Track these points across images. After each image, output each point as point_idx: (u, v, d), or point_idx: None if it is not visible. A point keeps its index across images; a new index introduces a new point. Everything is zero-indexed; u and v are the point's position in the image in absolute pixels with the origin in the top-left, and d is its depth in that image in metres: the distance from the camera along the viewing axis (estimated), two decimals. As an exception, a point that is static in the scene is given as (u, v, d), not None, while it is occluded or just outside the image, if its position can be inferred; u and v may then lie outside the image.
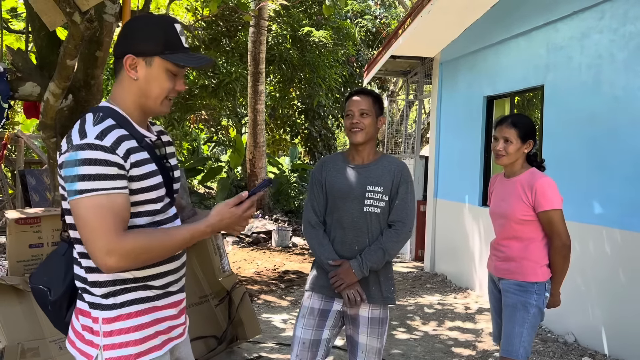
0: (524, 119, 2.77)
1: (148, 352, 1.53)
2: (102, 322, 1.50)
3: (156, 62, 1.53)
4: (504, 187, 2.80)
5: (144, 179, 1.50)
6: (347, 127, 2.45)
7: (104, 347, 1.49)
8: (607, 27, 4.45)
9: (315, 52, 13.19)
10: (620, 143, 4.26)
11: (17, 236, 2.54)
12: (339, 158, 2.55)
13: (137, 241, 1.42)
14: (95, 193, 1.39)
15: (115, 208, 1.41)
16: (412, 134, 9.75)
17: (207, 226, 1.50)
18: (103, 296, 1.50)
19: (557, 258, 2.64)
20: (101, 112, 1.50)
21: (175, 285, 1.64)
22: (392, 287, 2.49)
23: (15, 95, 3.55)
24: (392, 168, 2.46)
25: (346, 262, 2.38)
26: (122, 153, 1.44)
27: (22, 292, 2.39)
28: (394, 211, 2.43)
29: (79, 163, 1.39)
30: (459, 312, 5.53)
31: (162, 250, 1.48)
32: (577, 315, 4.56)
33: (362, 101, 2.44)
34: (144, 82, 1.54)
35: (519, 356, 2.60)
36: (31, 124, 12.11)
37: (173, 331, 1.65)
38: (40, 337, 2.36)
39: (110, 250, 1.39)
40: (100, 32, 3.54)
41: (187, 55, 1.56)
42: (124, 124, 1.51)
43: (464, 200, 6.66)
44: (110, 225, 1.39)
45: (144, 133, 1.57)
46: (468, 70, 6.76)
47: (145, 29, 1.54)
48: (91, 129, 1.44)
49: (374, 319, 2.43)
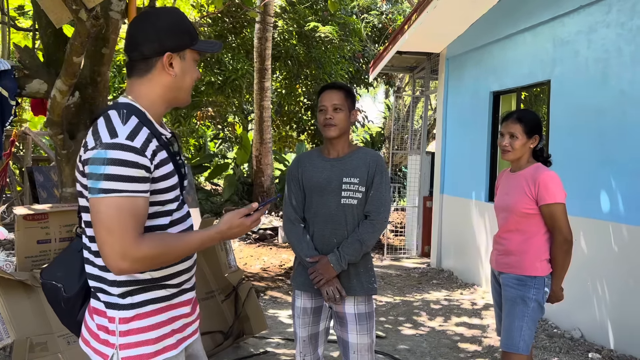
0: (530, 114, 2.77)
1: (163, 351, 1.54)
2: (118, 321, 1.49)
3: (187, 54, 1.56)
4: (509, 181, 2.80)
5: (165, 179, 1.50)
6: (321, 123, 2.48)
7: (120, 347, 1.48)
8: (614, 21, 4.41)
9: (321, 48, 13.17)
10: (627, 138, 4.23)
11: (25, 232, 2.56)
12: (314, 154, 2.57)
13: (152, 247, 1.42)
14: (119, 194, 1.37)
15: (135, 212, 1.40)
16: (418, 129, 9.73)
17: (216, 233, 1.53)
18: (120, 295, 1.49)
19: (558, 253, 2.64)
20: (125, 110, 1.48)
21: (189, 283, 1.65)
22: (372, 278, 2.52)
23: (22, 93, 3.58)
24: (367, 159, 2.48)
25: (324, 257, 2.41)
26: (149, 154, 1.43)
27: (30, 287, 2.42)
28: (370, 201, 2.45)
29: (107, 162, 1.37)
30: (465, 308, 5.52)
31: (175, 256, 1.50)
32: (584, 310, 4.55)
33: (334, 96, 2.46)
34: (181, 76, 1.55)
35: (519, 350, 2.60)
36: (39, 121, 12.19)
37: (187, 329, 1.66)
38: (49, 331, 2.38)
39: (125, 255, 1.38)
40: (107, 29, 3.55)
41: (206, 43, 1.60)
42: (145, 122, 1.50)
43: (471, 196, 6.64)
44: (128, 229, 1.38)
45: (161, 130, 1.56)
46: (474, 65, 6.73)
47: (174, 24, 1.54)
48: (121, 128, 1.42)
49: (360, 315, 2.45)
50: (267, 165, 11.86)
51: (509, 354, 2.63)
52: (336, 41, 13.03)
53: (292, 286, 2.61)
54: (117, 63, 12.05)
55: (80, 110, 3.57)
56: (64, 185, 3.57)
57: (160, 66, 1.52)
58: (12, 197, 9.09)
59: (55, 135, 3.35)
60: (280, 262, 7.68)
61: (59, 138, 3.37)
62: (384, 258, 8.18)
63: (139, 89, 1.54)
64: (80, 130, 3.58)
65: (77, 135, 3.56)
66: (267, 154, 11.84)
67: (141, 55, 1.53)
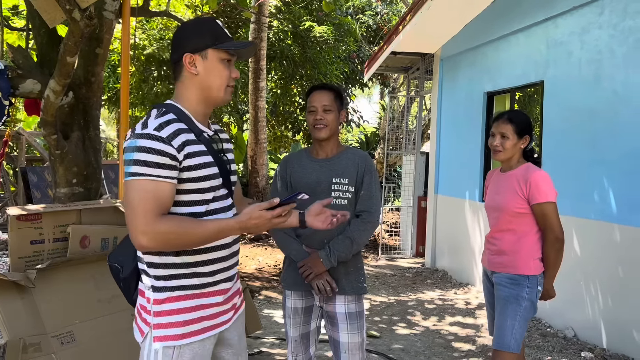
0: (521, 114, 2.80)
1: (189, 335, 1.64)
2: (153, 302, 1.64)
3: (210, 54, 1.67)
4: (500, 181, 2.82)
5: (197, 169, 1.63)
6: (311, 123, 2.47)
7: (154, 326, 1.63)
8: (607, 23, 4.44)
9: (316, 49, 13.16)
10: (619, 138, 4.26)
11: (18, 233, 2.55)
12: (303, 154, 2.58)
13: (169, 226, 1.53)
14: (144, 177, 1.53)
15: (157, 194, 1.54)
16: (413, 130, 9.75)
17: (236, 222, 1.58)
18: (155, 278, 1.65)
19: (550, 251, 2.66)
20: (164, 108, 1.66)
21: (224, 274, 1.73)
22: (362, 277, 2.53)
23: (16, 93, 3.56)
24: (356, 159, 2.49)
25: (315, 252, 2.42)
26: (177, 144, 1.57)
27: (23, 288, 2.41)
28: (360, 201, 2.46)
29: (136, 149, 1.54)
30: (459, 308, 5.54)
31: (192, 238, 1.57)
32: (577, 310, 4.58)
33: (324, 97, 2.46)
34: (205, 74, 1.67)
35: (510, 349, 2.62)
36: (33, 121, 12.14)
37: (218, 317, 1.73)
38: (42, 332, 2.38)
39: (144, 231, 1.51)
40: (100, 29, 3.55)
41: (232, 42, 1.70)
42: (183, 119, 1.65)
43: (465, 196, 6.67)
44: (149, 208, 1.52)
45: (202, 128, 1.70)
46: (468, 66, 6.76)
47: (194, 29, 1.70)
48: (152, 122, 1.59)
49: (351, 314, 2.46)
50: (262, 165, 11.85)
51: (500, 353, 2.65)
52: (331, 41, 13.03)
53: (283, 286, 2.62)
54: (112, 63, 12.01)
55: (74, 110, 3.57)
56: (58, 186, 3.56)
57: (186, 68, 1.67)
58: (6, 198, 9.05)
59: (49, 136, 3.34)
60: (275, 262, 7.68)
61: (52, 138, 3.36)
62: (378, 258, 8.19)
63: (178, 91, 1.72)
64: (74, 131, 3.57)
65: (71, 135, 3.55)
66: (262, 154, 11.83)
67: (173, 61, 1.73)
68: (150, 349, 1.63)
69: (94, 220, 2.78)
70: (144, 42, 10.60)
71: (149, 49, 10.44)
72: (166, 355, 1.62)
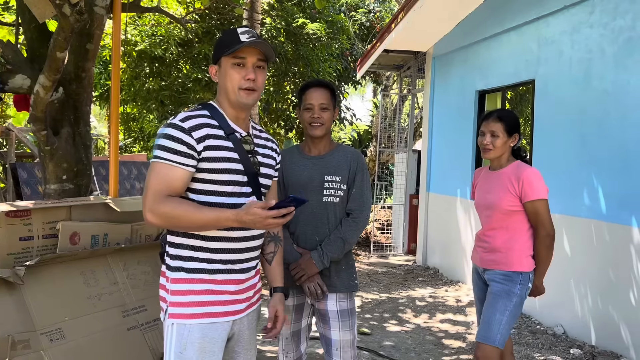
0: (510, 113, 2.82)
1: (199, 316, 1.77)
2: (170, 281, 1.79)
3: (223, 62, 1.84)
4: (490, 179, 2.83)
5: (217, 161, 1.76)
6: (307, 121, 2.45)
7: (170, 304, 1.79)
8: (598, 22, 4.47)
9: (309, 46, 13.13)
10: (609, 137, 4.30)
11: (7, 229, 2.53)
12: (295, 151, 2.56)
13: (171, 208, 1.68)
14: (161, 161, 1.70)
15: (169, 177, 1.69)
16: (405, 128, 9.77)
17: (233, 214, 1.66)
18: (172, 258, 1.80)
19: (541, 248, 2.68)
20: (200, 105, 1.86)
21: (238, 265, 1.84)
22: (353, 275, 2.53)
23: (5, 88, 3.52)
24: (348, 157, 2.49)
25: (307, 253, 2.42)
26: (197, 136, 1.72)
27: (12, 284, 2.39)
28: (352, 200, 2.47)
29: (161, 136, 1.73)
30: (450, 305, 5.57)
31: (190, 221, 1.70)
32: (566, 307, 4.61)
33: (322, 95, 2.43)
34: (222, 81, 1.85)
35: (496, 342, 2.61)
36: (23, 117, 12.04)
37: (230, 306, 1.83)
38: (31, 329, 2.36)
39: (151, 209, 1.68)
40: (91, 24, 3.52)
41: (237, 45, 1.78)
42: (216, 117, 1.82)
43: (456, 194, 6.69)
44: (158, 189, 1.68)
45: (234, 128, 1.85)
46: (460, 64, 6.78)
47: (217, 41, 1.88)
48: (183, 114, 1.77)
49: (343, 312, 2.47)
50: (254, 162, 11.81)
51: (484, 346, 2.63)
52: (324, 39, 13.01)
53: None
54: (103, 59, 11.92)
55: (64, 106, 3.53)
56: (48, 182, 3.53)
57: (212, 75, 1.89)
58: (-4, 194, 8.96)
59: (39, 132, 3.31)
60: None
61: (42, 134, 3.32)
62: (370, 255, 8.21)
63: (217, 94, 1.91)
64: (64, 127, 3.54)
65: (61, 131, 3.52)
66: (255, 152, 11.79)
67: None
68: (166, 324, 1.79)
69: (84, 216, 2.76)
70: (135, 38, 10.53)
71: (140, 45, 10.38)
72: (179, 333, 1.76)
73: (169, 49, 10.06)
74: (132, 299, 2.71)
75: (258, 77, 1.84)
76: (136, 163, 7.69)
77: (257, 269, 1.96)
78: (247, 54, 1.81)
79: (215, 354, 1.79)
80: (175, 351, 1.77)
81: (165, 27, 10.37)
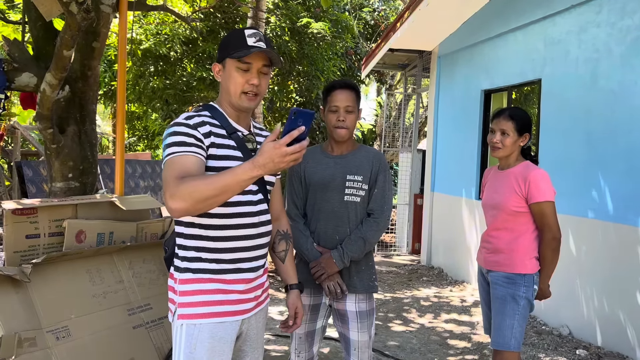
0: (521, 112, 2.77)
1: (208, 315, 1.77)
2: (178, 282, 1.80)
3: (227, 63, 1.82)
4: (498, 179, 2.81)
5: (221, 159, 1.75)
6: (332, 124, 2.43)
7: (179, 305, 1.78)
8: (605, 21, 4.45)
9: (313, 45, 13.12)
10: (616, 137, 4.27)
11: (13, 227, 2.53)
12: (317, 150, 2.56)
13: (190, 182, 1.59)
14: (172, 156, 1.68)
15: (183, 164, 1.65)
16: (409, 127, 9.75)
17: (248, 162, 1.53)
18: (181, 259, 1.81)
19: (546, 251, 2.65)
20: (201, 107, 1.87)
21: (246, 264, 1.83)
22: (373, 276, 2.52)
23: (11, 86, 3.53)
24: (370, 157, 2.48)
25: (327, 252, 2.41)
26: (202, 132, 1.73)
27: (19, 282, 2.39)
28: (373, 200, 2.46)
29: (168, 135, 1.73)
30: (454, 305, 5.56)
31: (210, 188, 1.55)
32: (572, 308, 4.59)
33: (347, 97, 2.42)
34: (224, 81, 1.84)
35: (511, 347, 2.60)
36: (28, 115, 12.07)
37: (239, 305, 1.83)
38: (37, 327, 2.36)
39: (172, 194, 1.59)
40: (97, 22, 3.52)
41: (246, 50, 1.77)
42: (217, 117, 1.83)
43: (461, 193, 6.67)
44: (173, 175, 1.62)
45: (236, 127, 1.85)
46: (466, 63, 6.76)
47: (223, 40, 1.87)
48: (186, 114, 1.79)
49: (362, 313, 2.45)
50: (258, 161, 11.81)
51: (501, 352, 2.63)
52: (329, 38, 13.00)
53: None
54: (108, 58, 11.94)
55: (70, 104, 3.54)
56: (54, 180, 3.53)
57: (215, 75, 1.87)
58: (0, 192, 9.00)
59: (45, 130, 3.31)
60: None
61: (48, 132, 3.33)
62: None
63: (219, 93, 1.92)
64: (70, 125, 3.54)
65: (67, 129, 3.53)
66: (259, 150, 11.79)
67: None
68: (175, 326, 1.79)
69: (90, 214, 2.77)
70: (140, 37, 10.54)
71: (145, 43, 10.39)
72: (188, 333, 1.76)
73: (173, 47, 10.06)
74: (138, 298, 2.71)
75: (262, 82, 1.83)
76: (140, 161, 7.70)
77: (265, 267, 1.95)
78: (253, 59, 1.80)
79: (225, 353, 1.79)
80: (185, 351, 1.76)
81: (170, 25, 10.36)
